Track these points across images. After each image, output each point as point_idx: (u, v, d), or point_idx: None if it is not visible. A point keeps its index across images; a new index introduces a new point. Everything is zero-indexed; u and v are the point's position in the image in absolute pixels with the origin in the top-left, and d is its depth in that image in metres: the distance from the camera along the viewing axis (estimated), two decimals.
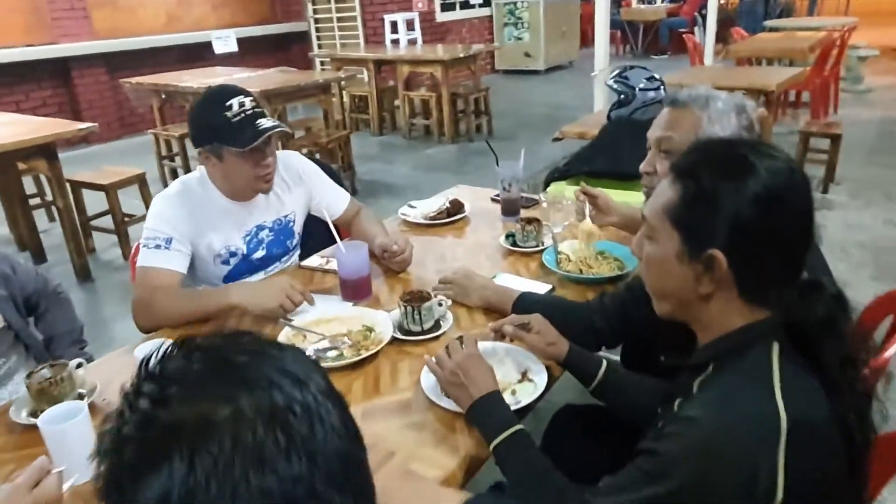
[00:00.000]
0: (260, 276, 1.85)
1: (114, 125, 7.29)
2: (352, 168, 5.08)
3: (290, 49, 9.04)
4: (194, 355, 0.52)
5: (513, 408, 1.15)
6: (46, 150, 3.35)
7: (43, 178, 4.30)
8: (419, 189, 5.01)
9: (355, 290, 1.66)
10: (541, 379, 1.25)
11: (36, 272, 1.83)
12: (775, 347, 0.85)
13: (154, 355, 0.52)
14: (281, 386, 0.50)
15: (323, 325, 1.50)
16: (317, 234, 1.96)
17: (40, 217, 4.27)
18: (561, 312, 1.39)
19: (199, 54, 7.39)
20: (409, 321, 1.46)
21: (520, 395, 1.22)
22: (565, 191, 2.32)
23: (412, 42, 7.93)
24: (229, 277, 1.80)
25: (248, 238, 1.81)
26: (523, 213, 2.09)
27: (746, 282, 0.87)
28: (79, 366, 1.34)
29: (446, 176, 5.32)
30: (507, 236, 1.93)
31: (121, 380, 1.18)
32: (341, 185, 2.18)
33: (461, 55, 6.26)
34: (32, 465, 0.92)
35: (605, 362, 1.24)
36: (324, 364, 1.34)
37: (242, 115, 1.63)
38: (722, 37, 8.58)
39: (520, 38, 9.90)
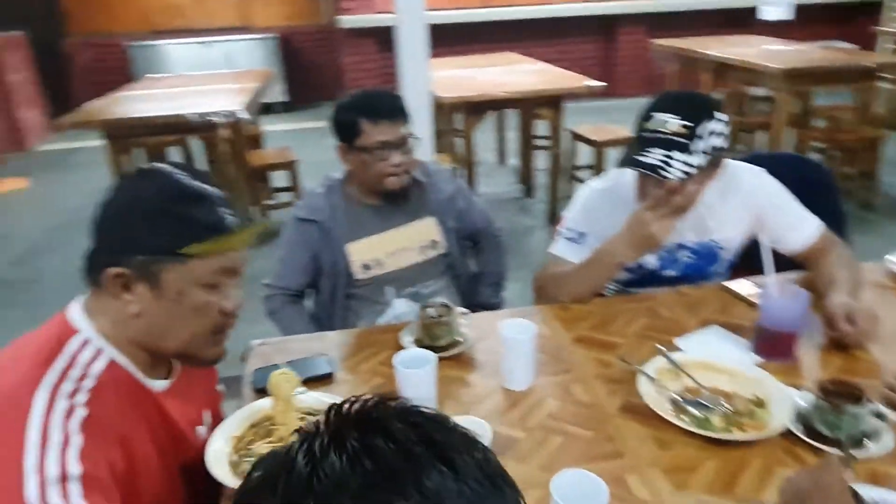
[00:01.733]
0: (664, 290, 1.63)
1: (637, 83, 7.60)
2: (873, 178, 4.08)
3: (853, 21, 7.66)
4: (362, 462, 0.41)
5: None
6: (554, 101, 3.68)
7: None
8: None
9: (771, 346, 1.30)
10: None
11: (486, 213, 2.03)
12: None
13: (336, 414, 0.45)
14: None
15: (706, 373, 1.22)
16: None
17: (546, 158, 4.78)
18: None
19: (743, 20, 6.94)
20: (820, 419, 1.06)
21: None
22: None
23: None
24: (629, 283, 1.65)
25: (663, 253, 1.61)
26: None
27: None
28: (463, 313, 1.43)
29: None
30: None
31: (489, 338, 1.15)
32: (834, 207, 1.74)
33: None
34: None
35: None
36: (678, 421, 1.10)
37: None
38: None
39: None
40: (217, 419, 1.17)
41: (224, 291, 0.98)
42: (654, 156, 1.39)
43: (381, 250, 1.79)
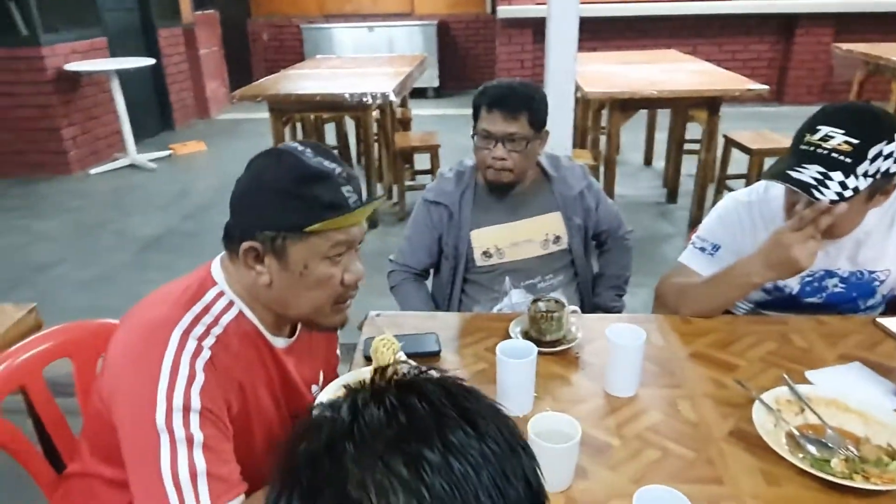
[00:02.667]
0: (802, 316, 1.49)
1: (813, 90, 6.92)
2: None
3: None
4: (398, 416, 0.46)
5: None
6: (711, 103, 3.46)
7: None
8: None
9: None
10: None
11: (617, 214, 1.97)
12: None
13: (383, 374, 0.49)
14: None
15: (835, 412, 1.11)
16: None
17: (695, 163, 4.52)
18: None
19: None
20: None
21: None
22: None
23: None
24: (763, 305, 1.53)
25: (807, 279, 1.48)
26: None
27: None
28: (573, 312, 1.41)
29: None
30: None
31: (598, 341, 1.15)
32: None
33: None
34: None
35: None
36: (792, 458, 1.01)
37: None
38: None
39: None
40: (330, 380, 1.26)
41: (346, 264, 1.04)
42: (809, 172, 1.27)
43: (503, 240, 1.80)
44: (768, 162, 3.68)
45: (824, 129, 1.28)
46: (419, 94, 7.60)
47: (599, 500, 0.97)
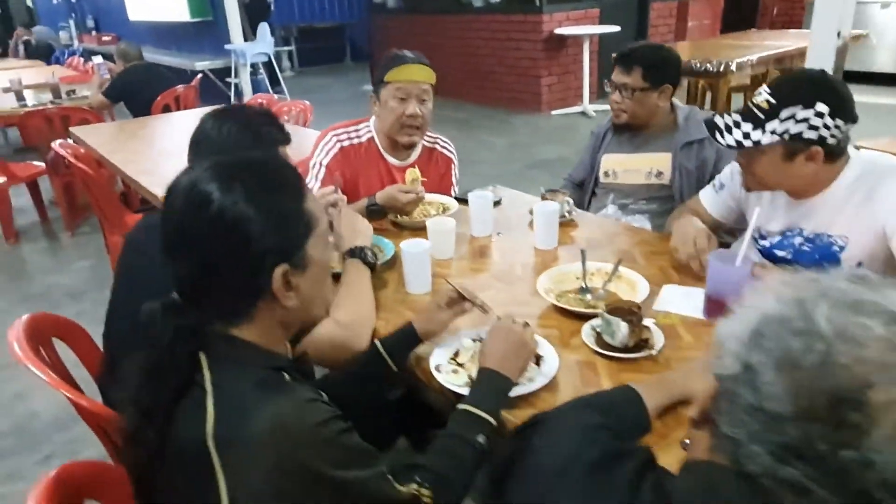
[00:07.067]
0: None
1: None
2: None
3: None
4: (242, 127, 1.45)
5: None
6: None
7: None
8: None
9: (709, 309, 1.43)
10: None
11: None
12: None
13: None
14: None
15: (631, 292, 1.51)
16: None
17: None
18: None
19: None
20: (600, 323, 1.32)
21: None
22: None
23: None
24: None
25: (787, 233, 1.60)
26: None
27: None
28: (567, 202, 1.97)
29: None
30: None
31: (588, 228, 1.91)
32: None
33: None
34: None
35: None
36: (539, 287, 1.53)
37: None
38: None
39: None
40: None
41: (406, 104, 2.00)
42: (727, 120, 1.49)
43: (619, 165, 2.31)
44: None
45: (761, 88, 1.47)
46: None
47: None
